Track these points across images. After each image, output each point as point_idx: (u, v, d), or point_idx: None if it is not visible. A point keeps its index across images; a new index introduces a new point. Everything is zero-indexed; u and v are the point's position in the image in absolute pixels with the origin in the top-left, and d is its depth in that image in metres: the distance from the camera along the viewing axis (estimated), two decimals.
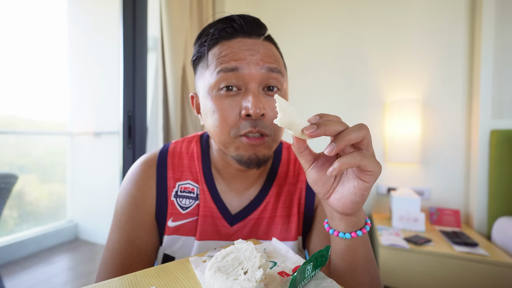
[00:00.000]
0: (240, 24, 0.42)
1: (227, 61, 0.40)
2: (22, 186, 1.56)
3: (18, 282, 1.37)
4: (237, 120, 0.40)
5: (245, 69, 0.40)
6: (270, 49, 0.43)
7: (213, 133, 0.43)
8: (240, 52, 0.40)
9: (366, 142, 0.29)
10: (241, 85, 0.41)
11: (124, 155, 1.23)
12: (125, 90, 1.22)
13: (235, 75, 0.40)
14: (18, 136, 1.53)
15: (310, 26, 1.71)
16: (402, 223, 1.29)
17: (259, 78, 0.41)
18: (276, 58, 0.43)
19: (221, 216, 0.48)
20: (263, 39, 0.44)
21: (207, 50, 0.43)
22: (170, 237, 0.47)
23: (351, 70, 1.62)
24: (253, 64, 0.40)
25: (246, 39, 0.42)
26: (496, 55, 1.31)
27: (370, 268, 0.37)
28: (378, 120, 1.58)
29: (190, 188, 0.49)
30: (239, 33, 0.42)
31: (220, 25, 0.42)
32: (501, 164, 1.27)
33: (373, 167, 0.28)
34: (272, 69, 0.41)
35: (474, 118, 1.37)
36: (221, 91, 0.41)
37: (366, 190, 0.30)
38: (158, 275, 0.32)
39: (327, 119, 0.29)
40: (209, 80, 0.42)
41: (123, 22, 1.21)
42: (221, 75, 0.40)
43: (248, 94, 0.40)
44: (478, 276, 1.00)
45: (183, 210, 0.48)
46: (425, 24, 1.47)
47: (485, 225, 1.30)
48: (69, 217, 1.96)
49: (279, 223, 0.49)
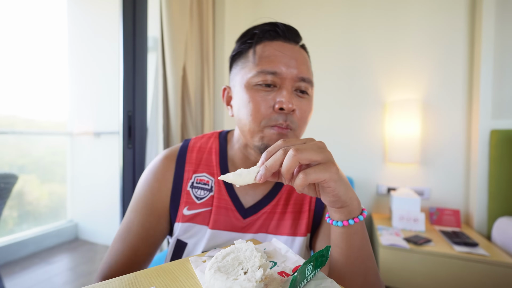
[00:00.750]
0: (282, 29, 0.47)
1: (268, 63, 0.45)
2: (22, 186, 1.56)
3: (18, 282, 1.36)
4: (270, 112, 0.45)
5: (283, 72, 0.45)
6: (305, 56, 0.48)
7: (244, 122, 0.47)
8: (280, 56, 0.45)
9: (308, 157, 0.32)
10: (277, 83, 0.45)
11: (124, 155, 1.23)
12: (125, 90, 1.22)
13: (273, 76, 0.45)
14: (18, 136, 1.53)
15: (309, 26, 1.71)
16: (402, 223, 1.29)
17: (293, 81, 0.45)
18: (309, 67, 0.49)
19: (234, 208, 0.51)
20: (299, 46, 0.49)
21: (250, 48, 0.48)
22: (185, 224, 0.51)
23: (351, 70, 1.62)
24: (290, 68, 0.45)
25: (285, 43, 0.47)
26: (496, 55, 1.31)
27: (365, 260, 0.38)
28: (378, 120, 1.58)
29: (205, 181, 0.53)
30: (281, 37, 0.47)
31: (266, 27, 0.47)
32: (501, 164, 1.27)
33: (323, 176, 0.31)
34: (304, 79, 0.46)
35: (474, 118, 1.37)
36: (258, 85, 0.46)
37: (333, 192, 0.33)
38: (158, 275, 0.32)
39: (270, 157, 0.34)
40: (249, 75, 0.46)
41: (123, 22, 1.21)
42: (261, 76, 0.45)
43: (283, 90, 0.44)
44: (478, 276, 1.00)
45: (198, 200, 0.52)
46: (425, 24, 1.47)
47: (485, 225, 1.30)
48: (69, 217, 1.96)
49: (290, 218, 0.51)
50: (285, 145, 0.34)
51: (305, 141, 0.34)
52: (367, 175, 1.59)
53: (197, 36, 1.54)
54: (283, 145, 0.34)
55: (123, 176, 1.23)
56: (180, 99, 1.38)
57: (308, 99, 0.48)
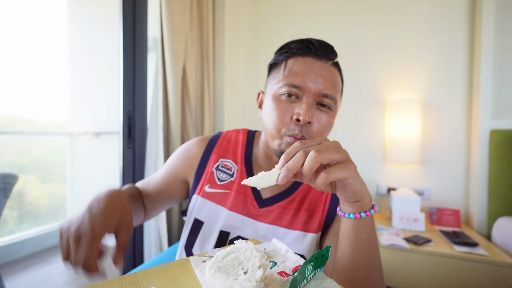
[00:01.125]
0: (316, 47, 0.50)
1: (295, 77, 0.49)
2: (22, 186, 1.56)
3: (18, 282, 1.36)
4: (288, 122, 0.49)
5: (306, 87, 0.48)
6: (333, 74, 0.50)
7: (267, 127, 0.52)
8: (308, 72, 0.48)
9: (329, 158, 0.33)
10: (299, 96, 0.49)
11: (124, 155, 1.23)
12: (125, 90, 1.22)
13: (297, 89, 0.49)
14: (18, 137, 1.53)
15: (308, 24, 1.71)
16: (402, 223, 1.29)
17: (315, 95, 0.49)
18: (335, 84, 0.51)
19: (252, 196, 0.56)
20: (331, 63, 0.51)
21: (283, 60, 0.52)
22: (203, 199, 0.57)
23: (351, 70, 1.62)
24: (315, 84, 0.48)
25: (317, 60, 0.50)
26: (496, 55, 1.31)
27: (371, 253, 0.39)
28: (378, 120, 1.58)
29: (229, 166, 0.59)
30: (313, 53, 0.50)
31: (300, 44, 0.51)
32: (501, 164, 1.27)
33: (344, 174, 0.33)
34: (327, 96, 0.49)
35: (474, 118, 1.37)
36: (283, 96, 0.50)
37: (351, 188, 0.35)
38: (158, 275, 0.32)
39: (290, 159, 0.35)
40: (276, 86, 0.51)
41: (123, 22, 1.21)
42: (286, 88, 0.49)
43: (303, 103, 0.48)
44: (478, 276, 1.00)
45: (219, 181, 0.58)
46: (425, 23, 1.47)
47: (485, 225, 1.30)
48: (69, 217, 1.96)
49: (304, 215, 0.54)
50: (303, 146, 0.35)
51: (321, 141, 0.36)
52: (367, 175, 1.59)
53: (197, 35, 1.54)
54: (301, 147, 0.35)
55: (123, 176, 1.23)
56: (180, 99, 1.38)
57: (329, 114, 0.50)
